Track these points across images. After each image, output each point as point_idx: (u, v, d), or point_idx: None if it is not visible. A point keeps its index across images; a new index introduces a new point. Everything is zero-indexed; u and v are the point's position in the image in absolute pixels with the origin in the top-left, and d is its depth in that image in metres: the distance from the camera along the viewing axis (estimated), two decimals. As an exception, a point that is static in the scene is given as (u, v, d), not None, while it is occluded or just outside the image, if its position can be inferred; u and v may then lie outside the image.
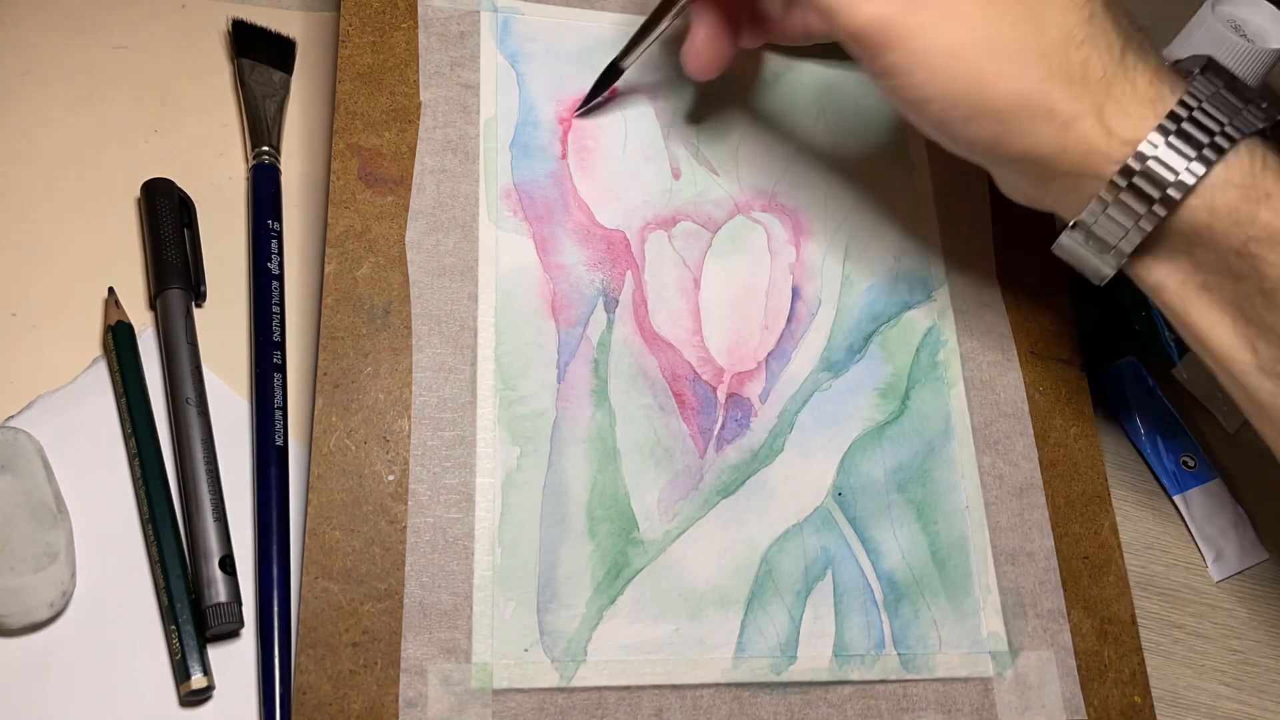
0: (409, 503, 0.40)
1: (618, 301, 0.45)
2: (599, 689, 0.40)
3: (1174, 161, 0.36)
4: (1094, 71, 0.37)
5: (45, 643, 0.39)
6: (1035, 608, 0.44)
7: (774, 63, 0.52)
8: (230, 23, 0.52)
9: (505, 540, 0.41)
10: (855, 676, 0.42)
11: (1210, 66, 0.38)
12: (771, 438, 0.45)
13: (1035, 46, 0.36)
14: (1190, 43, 0.56)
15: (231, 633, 0.41)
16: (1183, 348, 0.55)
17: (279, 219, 0.48)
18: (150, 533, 0.41)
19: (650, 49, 0.46)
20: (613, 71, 0.47)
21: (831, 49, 0.49)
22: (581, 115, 0.48)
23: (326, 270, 0.43)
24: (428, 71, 0.47)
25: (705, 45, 0.44)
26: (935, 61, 0.36)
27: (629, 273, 0.46)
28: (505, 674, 0.39)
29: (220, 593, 0.40)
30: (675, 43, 0.50)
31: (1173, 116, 0.36)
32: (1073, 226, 0.39)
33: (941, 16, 0.36)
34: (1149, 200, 0.36)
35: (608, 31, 0.50)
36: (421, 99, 0.46)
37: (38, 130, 0.49)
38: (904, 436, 0.46)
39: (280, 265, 0.47)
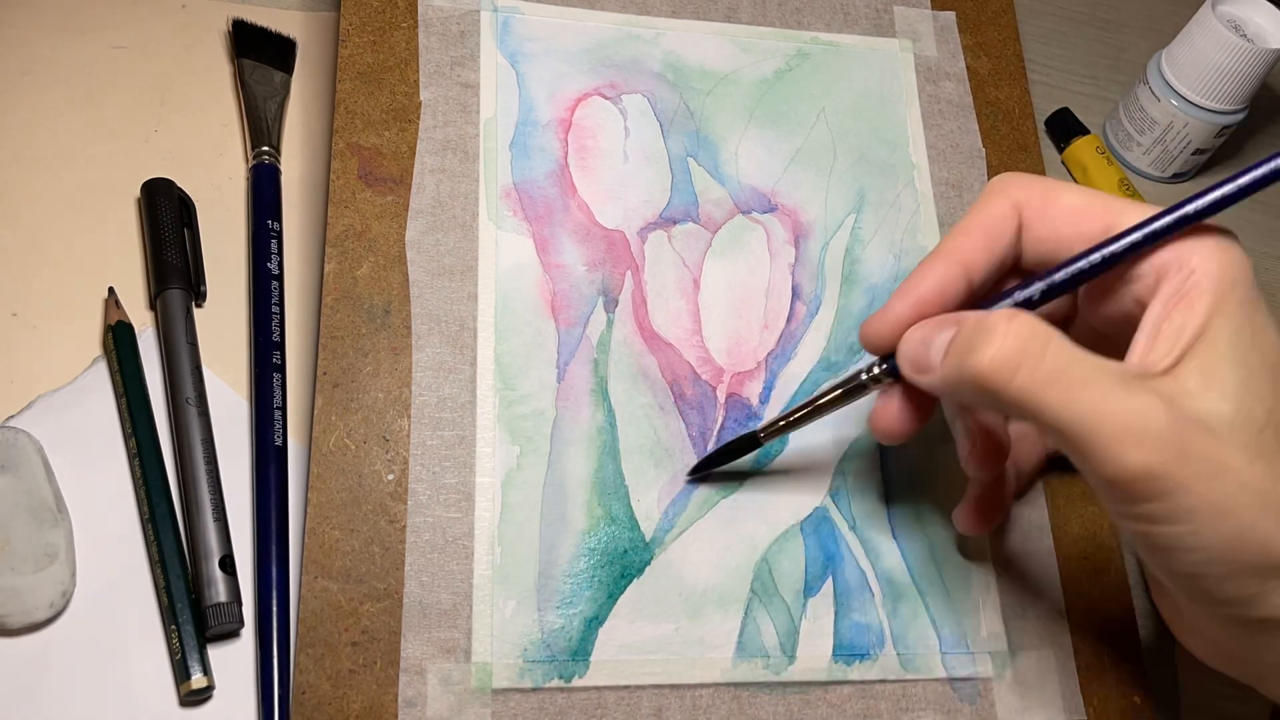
0: (408, 502, 0.40)
1: (617, 301, 0.45)
2: (598, 689, 0.40)
3: None
4: None
5: (45, 643, 0.39)
6: (1035, 608, 0.44)
7: (774, 62, 0.52)
8: (230, 23, 0.52)
9: (505, 540, 0.41)
10: (855, 676, 0.42)
11: None
12: (771, 438, 0.45)
13: None
14: (1190, 43, 0.56)
15: (231, 633, 0.41)
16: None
17: (279, 219, 0.48)
18: (150, 533, 0.41)
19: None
20: (750, 442, 0.42)
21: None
22: (691, 480, 0.43)
23: (326, 270, 0.43)
24: (428, 71, 0.47)
25: (899, 415, 0.39)
26: (1202, 518, 0.32)
27: (629, 272, 0.46)
28: (504, 674, 0.39)
29: (220, 593, 0.40)
30: (681, 56, 0.50)
31: None
32: None
33: (1212, 470, 0.32)
34: None
35: (608, 31, 0.50)
36: (421, 98, 0.46)
37: (38, 130, 0.49)
38: (904, 436, 0.46)
39: (280, 265, 0.47)
